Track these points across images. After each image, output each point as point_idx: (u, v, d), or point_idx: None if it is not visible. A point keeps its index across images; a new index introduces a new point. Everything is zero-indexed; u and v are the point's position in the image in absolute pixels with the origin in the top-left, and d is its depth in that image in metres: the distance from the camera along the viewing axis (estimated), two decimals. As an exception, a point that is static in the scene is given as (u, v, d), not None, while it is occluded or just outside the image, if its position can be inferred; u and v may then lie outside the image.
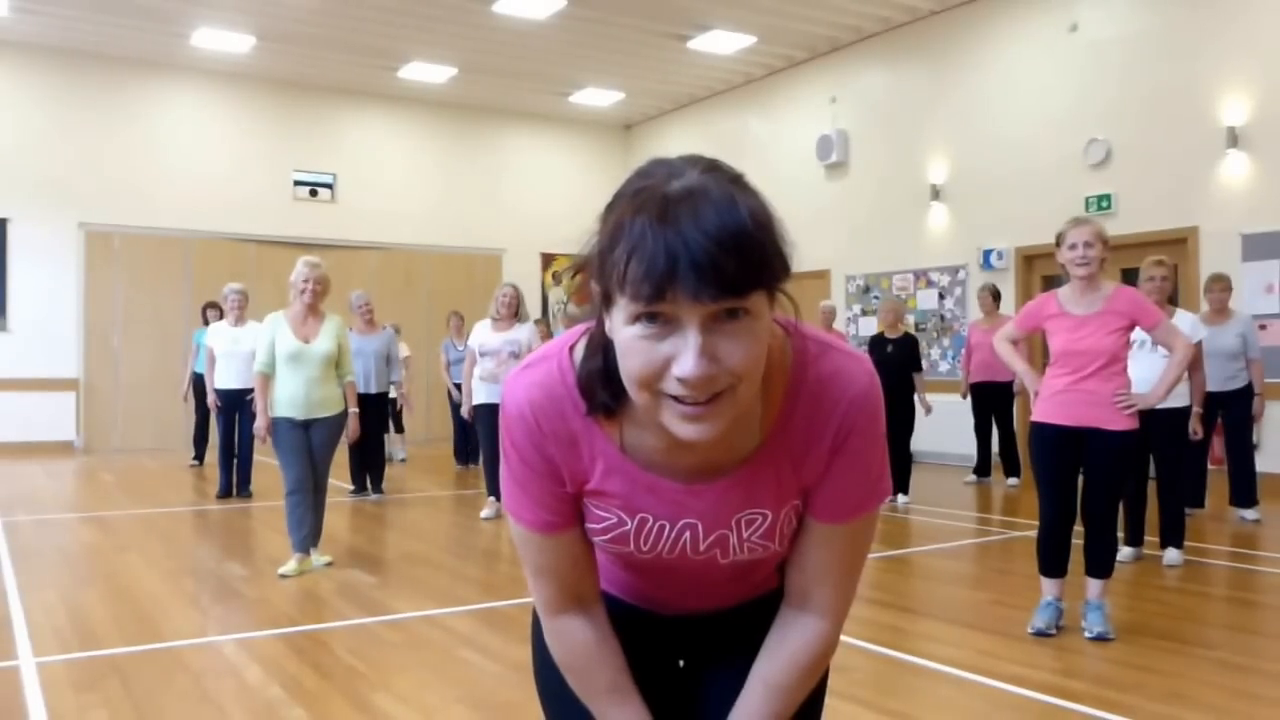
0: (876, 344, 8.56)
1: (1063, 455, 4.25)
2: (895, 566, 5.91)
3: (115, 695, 3.52)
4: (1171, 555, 5.76)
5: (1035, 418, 4.34)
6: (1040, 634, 4.25)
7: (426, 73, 13.93)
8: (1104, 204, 9.87)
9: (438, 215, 15.45)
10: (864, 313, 12.51)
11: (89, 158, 13.18)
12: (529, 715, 3.34)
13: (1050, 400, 4.28)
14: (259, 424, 5.71)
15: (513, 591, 5.17)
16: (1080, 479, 4.30)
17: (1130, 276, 8.04)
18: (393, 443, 11.31)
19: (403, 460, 11.79)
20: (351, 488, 8.85)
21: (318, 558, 5.77)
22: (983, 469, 9.70)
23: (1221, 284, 7.28)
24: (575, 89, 14.96)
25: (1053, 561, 4.34)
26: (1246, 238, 8.86)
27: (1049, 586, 4.36)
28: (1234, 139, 8.94)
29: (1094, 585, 4.29)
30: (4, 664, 3.89)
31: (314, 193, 14.58)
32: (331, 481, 6.15)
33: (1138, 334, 5.59)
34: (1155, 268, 5.84)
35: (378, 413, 8.84)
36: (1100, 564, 4.27)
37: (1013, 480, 9.40)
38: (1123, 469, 4.27)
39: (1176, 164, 9.37)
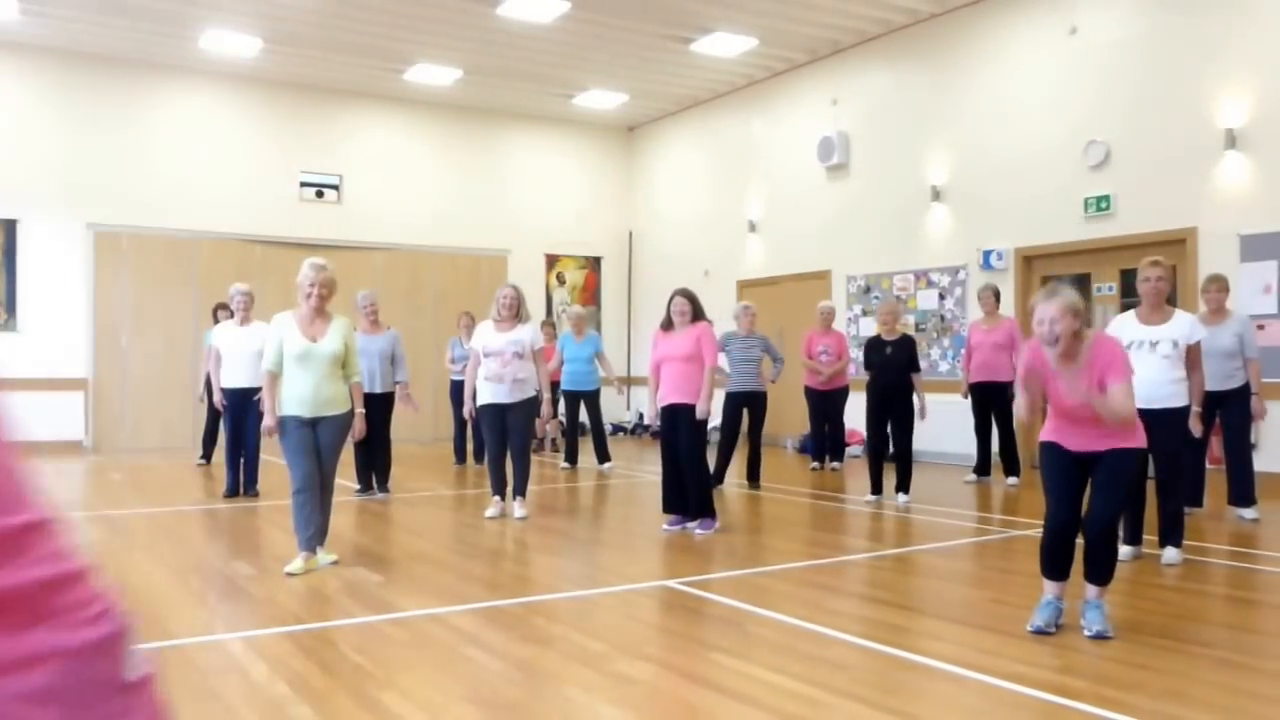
0: (875, 346, 8.58)
1: (1072, 470, 4.34)
2: (895, 565, 5.95)
3: (126, 692, 3.56)
4: (1170, 554, 5.80)
5: (1045, 437, 4.43)
6: (1040, 632, 4.28)
7: (432, 75, 14.00)
8: (1103, 205, 9.91)
9: (443, 216, 15.51)
10: (864, 313, 12.55)
11: (98, 159, 13.25)
12: (534, 713, 3.39)
13: (1057, 431, 4.39)
14: (267, 423, 5.77)
15: (517, 590, 5.22)
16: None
17: (1129, 277, 8.09)
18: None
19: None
20: (358, 487, 8.92)
21: (324, 556, 5.83)
22: (983, 468, 9.74)
23: (1218, 284, 7.28)
24: (579, 91, 15.02)
25: (1056, 566, 4.38)
26: (1245, 238, 8.89)
27: (1050, 586, 4.40)
28: (1232, 140, 8.98)
29: (1092, 588, 4.34)
30: (16, 661, 3.93)
31: (320, 194, 14.65)
32: (337, 481, 6.20)
33: (1138, 334, 5.63)
34: (1151, 268, 5.83)
35: (382, 413, 8.89)
36: (1101, 573, 4.32)
37: (1012, 479, 9.44)
38: (1127, 484, 4.32)
39: (1175, 165, 9.40)
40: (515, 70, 13.92)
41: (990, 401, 9.47)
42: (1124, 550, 5.84)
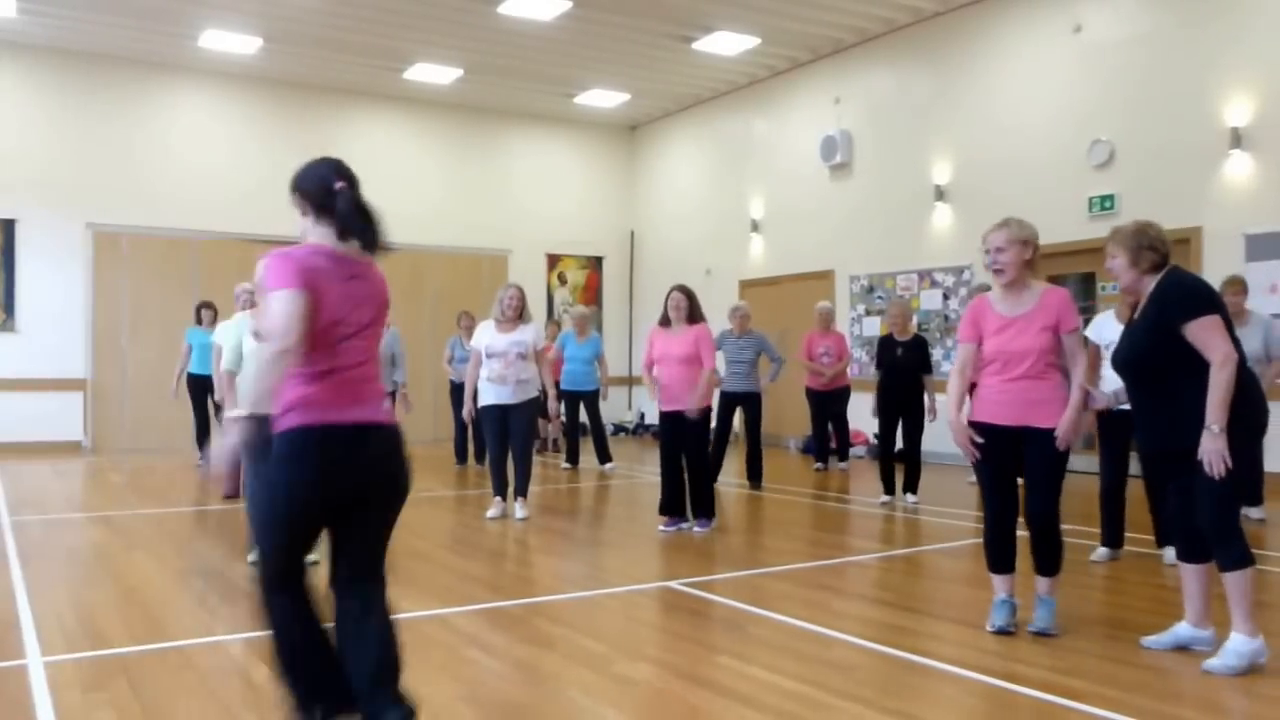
0: (886, 346, 8.51)
1: (1001, 454, 4.30)
2: (898, 566, 5.93)
3: (123, 695, 3.54)
4: (1172, 554, 5.77)
5: (972, 417, 4.37)
6: (1002, 631, 4.30)
7: (432, 74, 13.98)
8: (1107, 204, 9.88)
9: (444, 216, 15.49)
10: (867, 313, 12.52)
11: (97, 158, 13.24)
12: (535, 714, 3.37)
13: (985, 400, 4.32)
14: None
15: (518, 591, 5.20)
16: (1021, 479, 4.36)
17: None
18: None
19: None
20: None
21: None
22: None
23: (1235, 286, 7.08)
24: (580, 90, 15.00)
25: (1000, 558, 4.38)
26: (1250, 238, 8.86)
27: (1000, 584, 4.41)
28: (1237, 139, 8.95)
29: (1042, 581, 4.36)
30: (12, 663, 3.92)
31: (320, 194, 14.62)
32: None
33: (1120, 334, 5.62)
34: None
35: None
36: (1047, 563, 4.33)
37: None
38: (1059, 467, 4.24)
39: (1180, 164, 9.37)
40: (516, 69, 13.90)
41: None
42: (1100, 552, 5.90)
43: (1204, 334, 3.72)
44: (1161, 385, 3.85)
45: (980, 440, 4.30)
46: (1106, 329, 5.80)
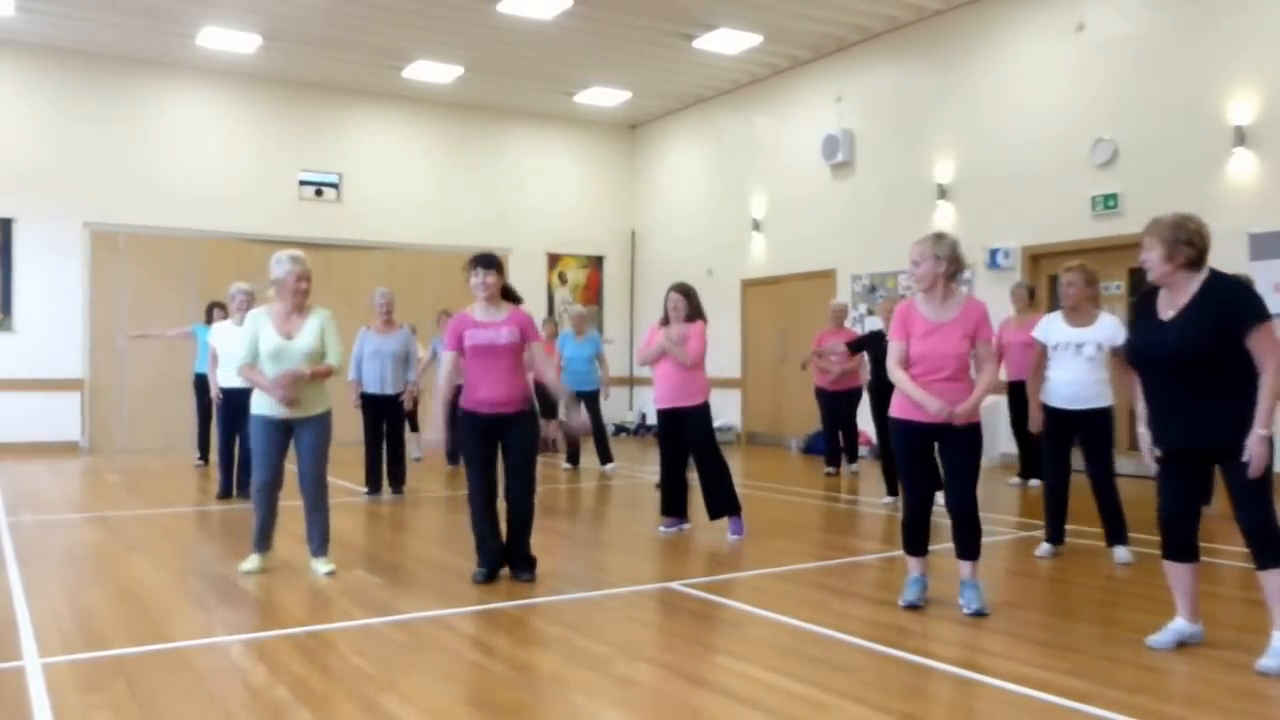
0: (873, 340, 8.58)
1: (922, 448, 4.69)
2: (899, 566, 5.88)
3: (121, 696, 3.52)
4: (1121, 554, 5.76)
5: (893, 414, 4.74)
6: (912, 606, 4.71)
7: (432, 72, 13.95)
8: (1110, 203, 9.85)
9: (444, 215, 15.46)
10: (870, 312, 12.48)
11: (94, 157, 13.21)
12: (536, 716, 3.34)
13: (908, 400, 4.63)
14: (282, 394, 5.38)
15: (520, 592, 5.17)
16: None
17: (1137, 276, 8.00)
18: (409, 442, 11.25)
19: (418, 459, 11.75)
20: (366, 489, 8.84)
21: (322, 565, 5.62)
22: (1028, 471, 9.27)
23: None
24: (581, 88, 14.97)
25: (917, 543, 4.81)
26: (1254, 237, 8.83)
27: (915, 564, 4.84)
28: (1241, 138, 8.93)
29: (965, 565, 4.66)
30: (9, 665, 3.89)
31: (319, 192, 14.60)
32: (342, 483, 6.14)
33: (1064, 336, 5.72)
34: (1065, 273, 5.91)
35: (398, 413, 8.85)
36: (970, 549, 4.69)
37: (1033, 481, 9.21)
38: (978, 458, 4.69)
39: (1183, 163, 9.34)
40: (516, 67, 13.87)
41: (1023, 402, 9.21)
42: (1043, 548, 5.98)
43: (1267, 338, 3.73)
44: (1213, 385, 3.79)
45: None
46: (1054, 330, 5.86)
